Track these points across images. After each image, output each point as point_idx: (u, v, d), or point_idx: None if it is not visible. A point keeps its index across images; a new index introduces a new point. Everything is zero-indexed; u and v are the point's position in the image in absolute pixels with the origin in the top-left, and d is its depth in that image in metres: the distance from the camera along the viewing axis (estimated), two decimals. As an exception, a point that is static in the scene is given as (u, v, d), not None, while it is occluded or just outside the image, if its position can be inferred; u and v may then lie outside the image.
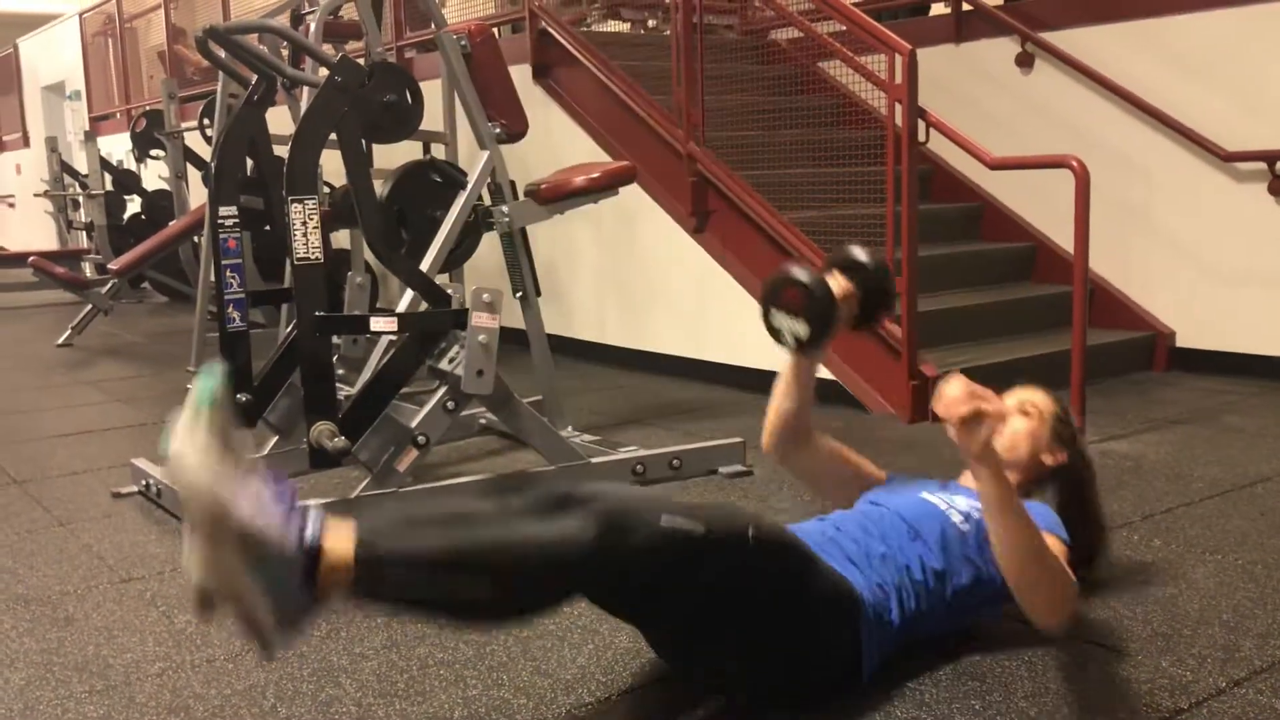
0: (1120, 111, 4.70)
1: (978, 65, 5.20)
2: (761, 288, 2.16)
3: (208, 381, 1.52)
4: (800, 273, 2.10)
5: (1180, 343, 4.70)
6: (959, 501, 2.04)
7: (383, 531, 1.60)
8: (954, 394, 1.68)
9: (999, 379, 4.42)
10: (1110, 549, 2.32)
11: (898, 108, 3.84)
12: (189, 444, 1.46)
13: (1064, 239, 4.29)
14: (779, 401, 2.28)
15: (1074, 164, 3.52)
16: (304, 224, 2.89)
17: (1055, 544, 1.91)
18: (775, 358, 2.28)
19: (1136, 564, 2.46)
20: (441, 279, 3.82)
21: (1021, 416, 2.16)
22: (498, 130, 3.57)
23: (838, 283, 2.15)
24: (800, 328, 2.09)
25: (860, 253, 2.20)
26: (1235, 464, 3.26)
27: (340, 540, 1.53)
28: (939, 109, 3.97)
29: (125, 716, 1.88)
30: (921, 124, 3.88)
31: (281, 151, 3.06)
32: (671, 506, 1.66)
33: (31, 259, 7.18)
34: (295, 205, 2.88)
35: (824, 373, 4.23)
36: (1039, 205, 5.03)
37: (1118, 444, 3.52)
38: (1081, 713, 1.77)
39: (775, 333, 2.14)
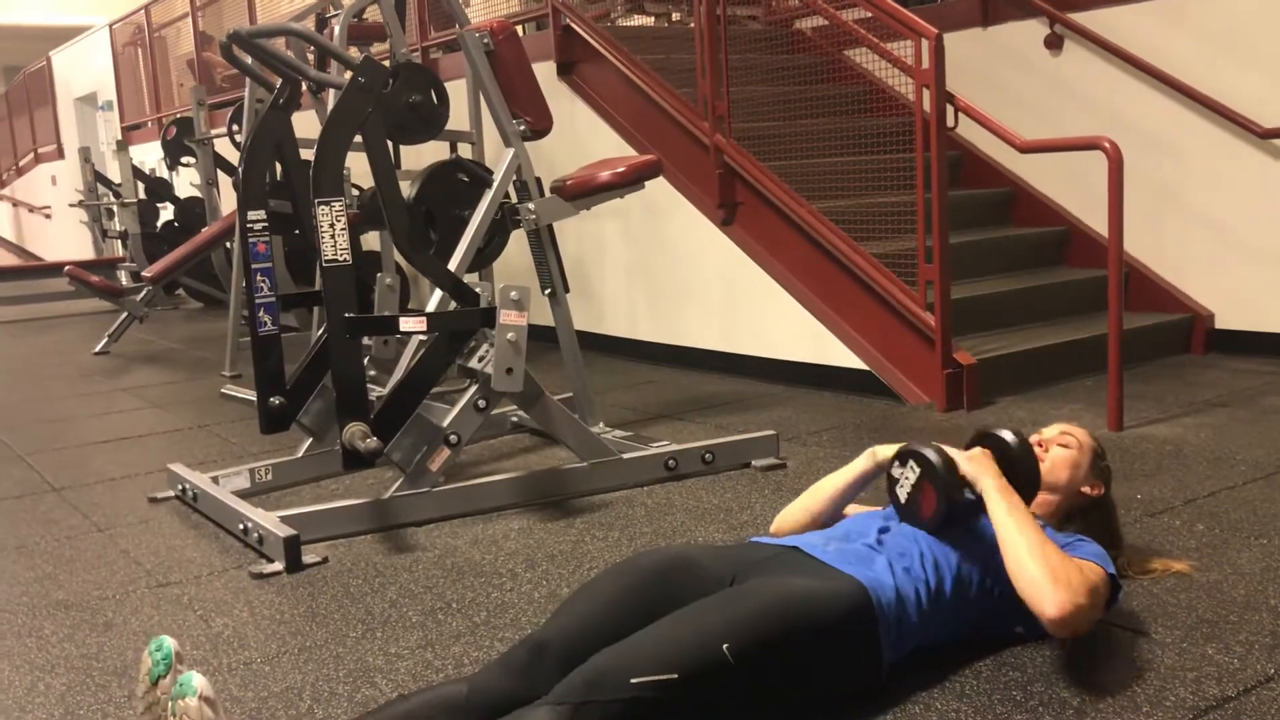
0: (1152, 91, 4.63)
1: (1006, 48, 5.14)
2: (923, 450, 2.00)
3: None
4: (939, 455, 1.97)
5: (1219, 324, 4.62)
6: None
7: None
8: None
9: (1034, 365, 4.39)
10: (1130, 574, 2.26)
11: (925, 93, 3.81)
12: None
13: (1097, 222, 4.24)
14: (818, 505, 2.27)
15: (1106, 145, 3.47)
16: (331, 226, 2.89)
17: (1096, 572, 1.88)
18: (806, 349, 2.25)
19: (1179, 550, 2.42)
20: (471, 278, 3.82)
21: (1061, 446, 2.16)
22: (522, 127, 3.56)
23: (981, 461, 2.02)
24: (911, 484, 1.98)
25: (1008, 434, 2.07)
26: (1278, 446, 3.20)
27: None
28: (967, 93, 3.92)
29: (164, 720, 1.89)
30: (950, 109, 3.84)
31: (308, 155, 3.06)
32: (640, 664, 1.60)
33: (67, 268, 7.25)
34: (322, 208, 2.89)
35: (857, 362, 4.20)
36: (1071, 188, 4.97)
37: (1157, 428, 3.47)
38: (1126, 702, 1.74)
39: (894, 481, 2.02)
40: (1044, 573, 1.78)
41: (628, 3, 6.73)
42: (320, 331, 3.47)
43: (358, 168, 3.55)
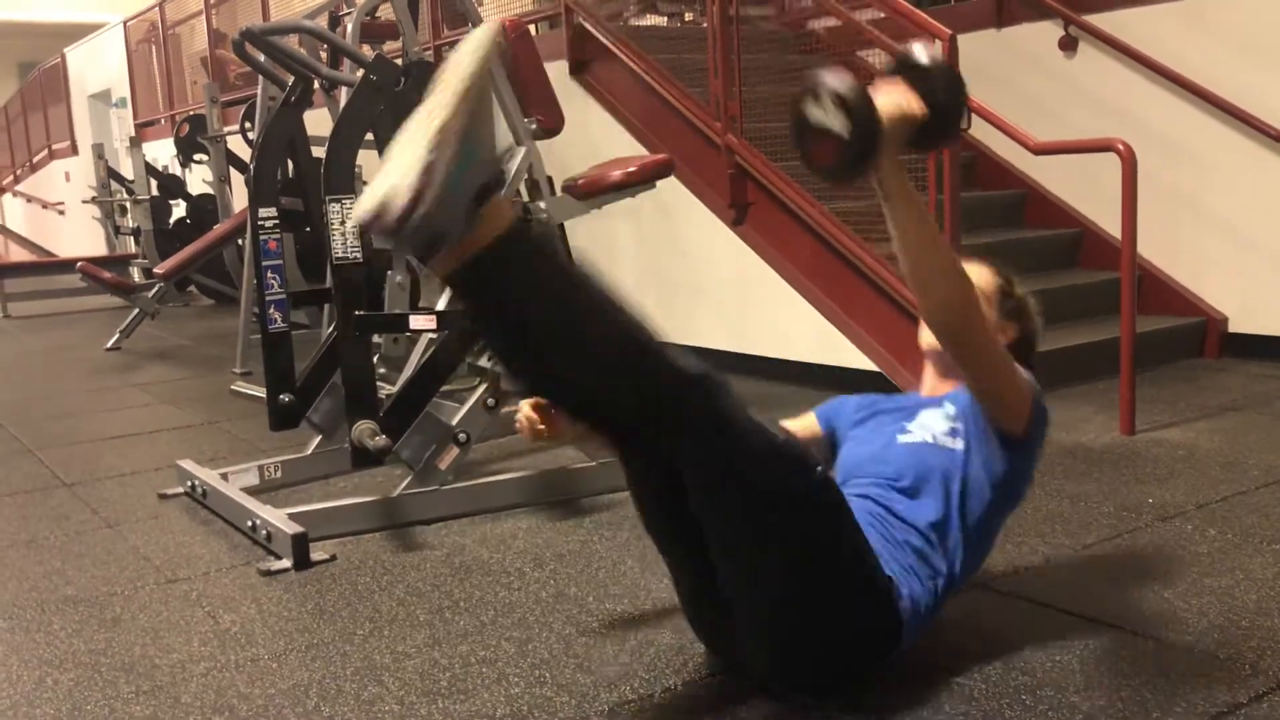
0: (1168, 93, 4.61)
1: (1020, 50, 5.12)
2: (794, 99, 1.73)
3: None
4: (839, 81, 1.67)
5: (1233, 328, 4.60)
6: (932, 420, 1.99)
7: (543, 250, 1.68)
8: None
9: (1046, 368, 4.35)
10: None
11: (938, 94, 3.78)
12: (480, 45, 1.55)
13: (1111, 224, 4.22)
14: None
15: (1120, 147, 3.45)
16: (342, 224, 2.90)
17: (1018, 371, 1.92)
18: (817, 349, 2.24)
19: (1191, 554, 2.40)
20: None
21: None
22: (534, 126, 3.56)
23: (898, 92, 1.75)
24: (836, 121, 1.65)
25: (923, 54, 1.82)
26: (1292, 451, 3.18)
27: (505, 213, 1.60)
28: (981, 95, 3.89)
29: (171, 717, 1.89)
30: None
31: (320, 153, 3.06)
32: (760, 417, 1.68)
33: (79, 264, 7.27)
34: (333, 205, 2.89)
35: (868, 363, 4.19)
36: (1085, 191, 4.95)
37: (1169, 432, 3.45)
38: (1136, 708, 1.73)
39: (809, 128, 1.69)
40: (939, 278, 1.78)
41: (640, 2, 6.73)
42: (330, 329, 3.48)
43: (369, 166, 3.55)
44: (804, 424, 2.26)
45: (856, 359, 4.23)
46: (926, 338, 2.11)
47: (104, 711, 1.92)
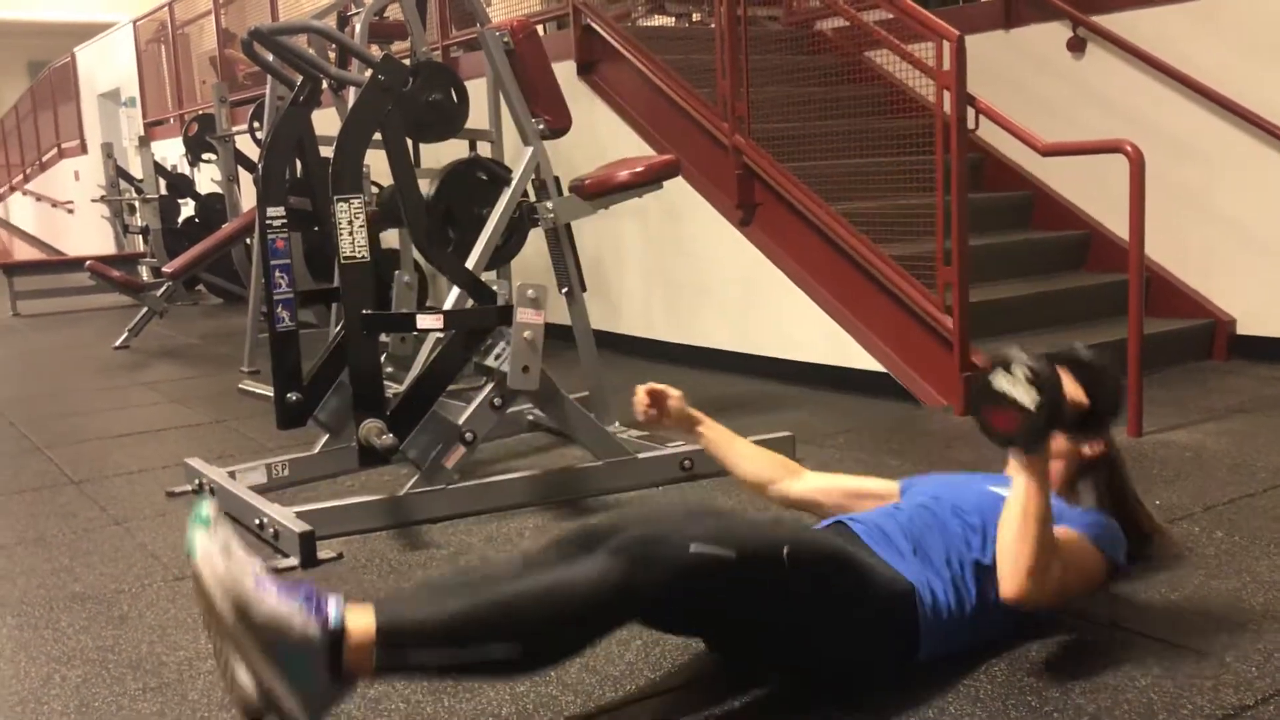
0: (1177, 95, 4.60)
1: (1028, 51, 5.11)
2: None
3: (202, 507, 1.58)
4: (1032, 358, 1.81)
5: (1241, 330, 4.59)
6: None
7: (404, 602, 1.63)
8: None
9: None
10: (1158, 528, 2.26)
11: (946, 95, 3.79)
12: (206, 552, 1.51)
13: (1119, 226, 4.21)
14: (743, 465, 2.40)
15: (1128, 148, 3.45)
16: (350, 223, 2.90)
17: (1087, 560, 1.92)
18: (824, 350, 2.25)
19: (1198, 556, 2.40)
20: (489, 276, 3.83)
21: None
22: (541, 126, 3.56)
23: (1069, 381, 1.91)
24: (1029, 397, 1.77)
25: (1088, 353, 2.04)
26: (1300, 453, 3.17)
27: (362, 620, 1.53)
28: (989, 96, 3.91)
29: (178, 713, 1.90)
30: (971, 111, 3.83)
31: (328, 153, 3.07)
32: (702, 532, 1.64)
33: (88, 263, 7.30)
34: (341, 204, 2.89)
35: (874, 364, 4.19)
36: (1093, 192, 4.94)
37: (1177, 434, 3.44)
38: (1141, 709, 1.73)
39: (995, 397, 1.81)
40: (1023, 553, 1.77)
41: (648, 3, 6.74)
42: (338, 328, 3.48)
43: (377, 165, 3.57)
44: (886, 488, 2.30)
45: (862, 360, 4.23)
46: None
47: (111, 708, 1.93)
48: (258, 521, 2.84)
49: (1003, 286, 4.54)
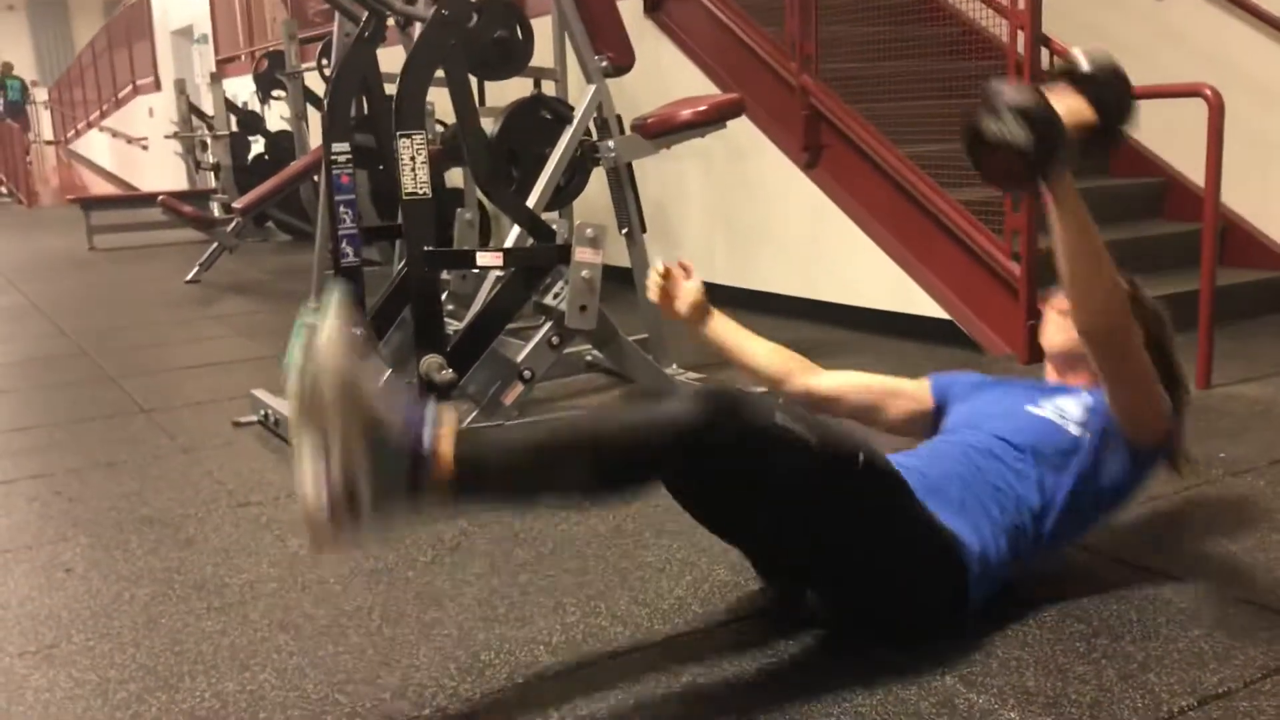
0: (1264, 37, 4.43)
1: (1108, -9, 4.96)
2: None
3: (334, 294, 1.57)
4: (1018, 93, 1.66)
5: (1321, 283, 4.45)
6: (1067, 405, 1.96)
7: (487, 434, 1.70)
8: None
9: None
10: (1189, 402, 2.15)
11: (1020, 35, 3.69)
12: (325, 333, 1.50)
13: (1197, 174, 4.09)
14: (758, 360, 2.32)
15: (1207, 93, 3.34)
16: (412, 159, 2.92)
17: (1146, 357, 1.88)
18: (887, 297, 2.22)
19: (1261, 510, 2.35)
20: (551, 216, 3.83)
21: (1062, 314, 2.05)
22: (604, 64, 3.54)
23: (1070, 99, 1.77)
24: (1021, 135, 1.62)
25: (1087, 60, 1.82)
26: (1375, 409, 3.09)
27: (447, 440, 1.54)
28: (1064, 37, 3.79)
29: (240, 632, 1.96)
30: (1045, 52, 3.72)
31: (393, 90, 3.09)
32: (787, 409, 1.63)
33: (161, 198, 7.43)
34: (404, 140, 2.91)
35: (938, 311, 4.14)
36: (1171, 138, 4.79)
37: (1247, 388, 3.37)
38: (1192, 658, 1.71)
39: (988, 144, 1.67)
40: (1084, 290, 1.77)
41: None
42: (401, 265, 3.52)
43: (442, 104, 3.58)
44: (916, 388, 2.24)
45: (927, 306, 4.18)
46: (1053, 338, 2.10)
47: (177, 625, 2.00)
48: (320, 452, 2.89)
49: (1073, 234, 4.44)
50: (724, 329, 2.30)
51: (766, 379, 2.28)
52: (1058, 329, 2.09)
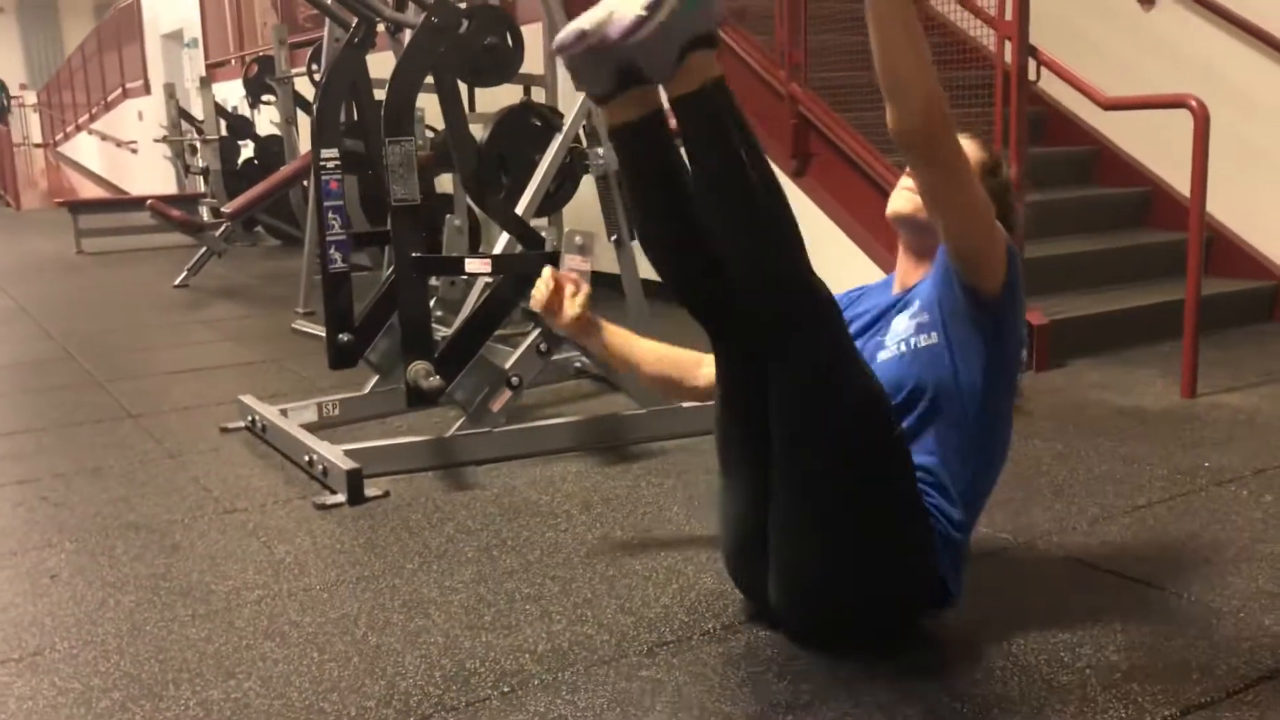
0: (1249, 49, 4.46)
1: (1094, 1, 4.98)
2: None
3: None
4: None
5: (1305, 293, 4.48)
6: (901, 326, 1.93)
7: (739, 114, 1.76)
8: None
9: (1109, 328, 4.29)
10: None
11: (1007, 45, 3.71)
12: None
13: (1182, 183, 4.11)
14: (650, 368, 2.19)
15: (1193, 103, 3.36)
16: (401, 165, 2.92)
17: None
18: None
19: (1245, 520, 2.37)
20: (540, 223, 3.83)
21: (909, 191, 2.00)
22: (594, 72, 3.54)
23: None
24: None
25: None
26: (1358, 419, 3.11)
27: (713, 64, 1.67)
28: (1051, 47, 3.82)
29: (225, 639, 1.95)
30: (1032, 63, 3.74)
31: (382, 96, 3.09)
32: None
33: (149, 201, 7.40)
34: (392, 146, 2.91)
35: (925, 320, 4.14)
36: (1157, 148, 4.82)
37: (1231, 397, 3.39)
38: (1176, 668, 1.72)
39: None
40: (917, 85, 1.72)
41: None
42: (389, 271, 3.52)
43: (433, 110, 3.58)
44: None
45: (914, 314, 4.19)
46: (896, 202, 2.04)
47: (162, 632, 1.99)
48: (307, 458, 2.89)
49: (1062, 243, 4.46)
50: (612, 341, 2.14)
51: (662, 386, 2.18)
52: (903, 198, 2.02)
